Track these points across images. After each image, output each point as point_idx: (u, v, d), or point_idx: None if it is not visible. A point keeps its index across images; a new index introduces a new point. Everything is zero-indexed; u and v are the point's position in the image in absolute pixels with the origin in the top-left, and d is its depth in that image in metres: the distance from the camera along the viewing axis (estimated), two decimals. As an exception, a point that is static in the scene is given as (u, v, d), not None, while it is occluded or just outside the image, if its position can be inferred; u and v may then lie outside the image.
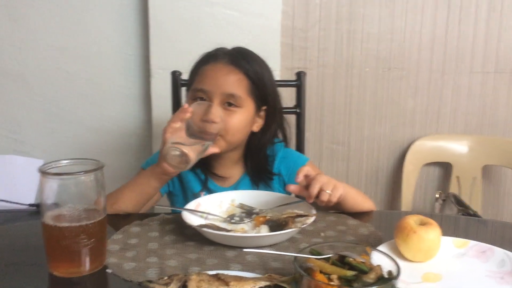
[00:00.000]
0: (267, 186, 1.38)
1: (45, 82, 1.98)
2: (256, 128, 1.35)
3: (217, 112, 1.21)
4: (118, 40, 1.96)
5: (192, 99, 1.28)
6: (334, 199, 1.12)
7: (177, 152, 1.07)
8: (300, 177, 1.12)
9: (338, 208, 1.23)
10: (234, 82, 1.26)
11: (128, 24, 1.95)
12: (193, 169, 1.36)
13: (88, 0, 1.92)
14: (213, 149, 1.21)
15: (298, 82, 1.63)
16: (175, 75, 1.60)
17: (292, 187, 1.14)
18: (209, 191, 1.34)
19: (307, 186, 1.13)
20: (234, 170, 1.38)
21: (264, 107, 1.34)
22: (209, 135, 1.20)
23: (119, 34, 1.96)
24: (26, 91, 1.99)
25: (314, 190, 1.10)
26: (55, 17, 1.93)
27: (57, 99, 2.00)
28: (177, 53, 1.88)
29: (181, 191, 1.39)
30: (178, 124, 1.14)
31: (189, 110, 1.15)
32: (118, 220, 1.16)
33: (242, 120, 1.28)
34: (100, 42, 1.96)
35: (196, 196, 1.32)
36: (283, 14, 1.94)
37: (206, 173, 1.36)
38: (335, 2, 2.00)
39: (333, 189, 1.12)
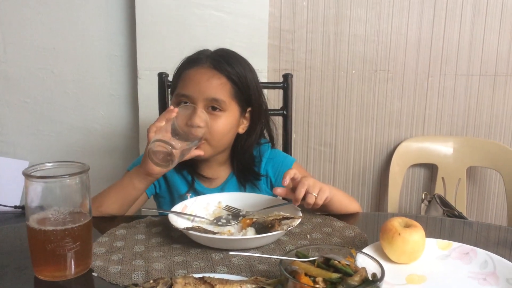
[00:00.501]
0: (254, 187, 1.38)
1: (30, 82, 1.97)
2: (241, 130, 1.35)
3: (202, 116, 1.22)
4: (104, 41, 1.96)
5: (177, 103, 1.28)
6: (320, 201, 1.13)
7: (161, 149, 1.07)
8: (287, 180, 1.13)
9: (325, 210, 1.24)
10: (217, 87, 1.25)
11: (115, 25, 1.94)
12: (180, 170, 1.36)
13: (74, 0, 1.91)
14: (197, 152, 1.21)
15: (285, 84, 1.64)
16: (162, 77, 1.60)
17: (279, 191, 1.14)
18: (196, 193, 1.35)
19: (293, 189, 1.13)
20: (220, 171, 1.38)
21: (249, 109, 1.34)
22: (194, 140, 1.20)
23: (105, 35, 1.95)
24: (10, 91, 1.97)
25: (300, 193, 1.11)
26: (40, 17, 1.92)
27: (42, 99, 1.98)
28: (164, 55, 1.87)
29: (167, 193, 1.39)
30: (163, 123, 1.14)
31: (175, 110, 1.16)
32: (104, 223, 1.16)
33: (227, 124, 1.28)
34: (87, 42, 1.95)
35: (182, 197, 1.33)
36: (270, 16, 1.95)
37: (193, 175, 1.36)
38: (322, 4, 2.02)
39: (319, 191, 1.13)
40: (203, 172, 1.36)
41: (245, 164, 1.37)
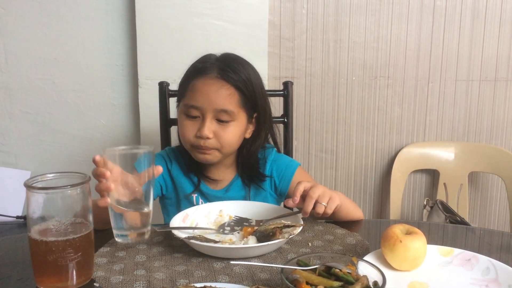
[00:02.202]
0: (259, 188, 1.39)
1: (31, 92, 1.98)
2: (248, 134, 1.37)
3: (210, 127, 1.25)
4: (105, 51, 1.97)
5: (185, 114, 1.30)
6: (330, 210, 1.13)
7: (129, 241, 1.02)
8: (297, 199, 1.13)
9: (331, 218, 1.24)
10: (225, 98, 1.27)
11: (116, 35, 1.95)
12: (186, 172, 1.38)
13: (75, 11, 1.93)
14: (158, 170, 1.07)
15: (285, 92, 1.64)
16: (163, 86, 1.60)
17: (290, 202, 1.14)
18: (201, 194, 1.37)
19: (303, 196, 1.14)
20: (226, 174, 1.40)
21: (255, 114, 1.36)
22: (203, 150, 1.24)
23: (106, 45, 1.96)
24: (12, 101, 1.98)
25: (308, 207, 1.11)
26: (41, 27, 1.93)
27: (43, 109, 1.99)
28: (164, 64, 1.88)
29: (174, 193, 1.40)
30: (112, 186, 0.98)
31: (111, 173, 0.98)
32: (106, 233, 1.16)
33: (236, 132, 1.30)
34: (87, 52, 1.96)
35: (188, 197, 1.35)
36: (269, 24, 1.96)
37: (199, 176, 1.38)
38: (321, 11, 2.02)
39: (329, 200, 1.13)
40: (209, 174, 1.38)
41: (250, 167, 1.39)
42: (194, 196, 1.37)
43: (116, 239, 1.02)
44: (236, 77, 1.28)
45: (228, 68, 1.29)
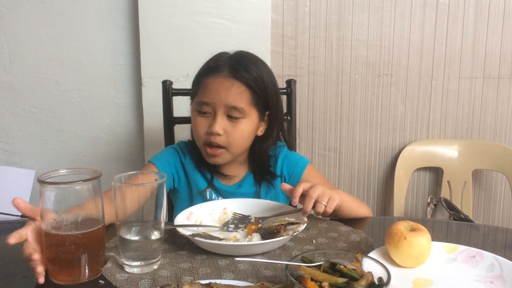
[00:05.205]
0: (269, 185, 1.41)
1: (35, 92, 1.98)
2: (260, 132, 1.38)
3: (221, 124, 1.26)
4: (108, 50, 1.97)
5: (197, 111, 1.31)
6: (330, 209, 1.14)
7: None
8: (296, 200, 1.13)
9: (334, 215, 1.24)
10: (236, 95, 1.27)
11: (119, 34, 1.96)
12: (199, 168, 1.40)
13: (78, 10, 1.93)
14: None
15: (288, 90, 1.64)
16: (166, 84, 1.61)
17: (287, 187, 1.15)
18: (215, 189, 1.38)
19: (303, 197, 1.14)
20: (239, 170, 1.41)
21: (267, 112, 1.37)
22: (213, 150, 1.26)
23: (109, 44, 1.96)
24: (16, 101, 1.98)
25: (308, 206, 1.11)
26: (45, 28, 1.93)
27: (47, 109, 2.00)
28: (167, 63, 1.89)
29: (186, 188, 1.41)
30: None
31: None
32: (112, 229, 1.16)
33: (246, 130, 1.31)
34: (91, 51, 1.97)
35: (202, 194, 1.37)
36: (272, 23, 1.96)
37: (212, 173, 1.39)
38: (324, 9, 2.02)
39: (329, 200, 1.13)
40: (222, 171, 1.39)
41: (261, 164, 1.40)
42: (208, 191, 1.38)
43: (126, 269, 0.97)
44: (247, 76, 1.29)
45: (240, 66, 1.30)
